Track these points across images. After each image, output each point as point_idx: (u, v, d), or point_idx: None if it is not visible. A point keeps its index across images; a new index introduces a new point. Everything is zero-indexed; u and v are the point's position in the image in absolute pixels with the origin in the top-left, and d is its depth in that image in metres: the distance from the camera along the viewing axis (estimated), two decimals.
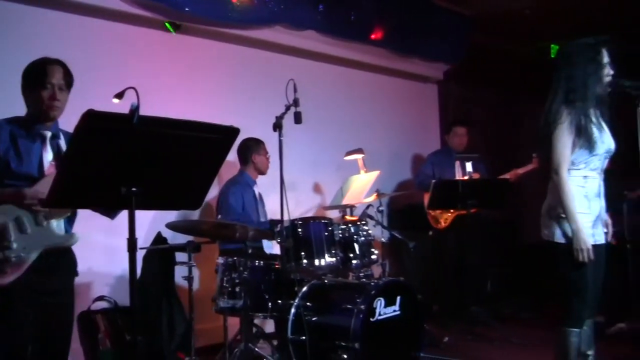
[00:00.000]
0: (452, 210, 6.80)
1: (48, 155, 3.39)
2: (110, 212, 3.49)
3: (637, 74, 3.79)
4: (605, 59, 3.79)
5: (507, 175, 6.79)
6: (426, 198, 6.89)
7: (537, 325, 6.87)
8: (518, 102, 11.54)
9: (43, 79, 3.34)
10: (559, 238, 3.80)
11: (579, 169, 3.81)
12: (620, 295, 5.95)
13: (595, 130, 3.74)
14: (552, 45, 8.73)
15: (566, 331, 3.84)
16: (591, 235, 3.81)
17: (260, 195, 5.76)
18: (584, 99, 3.73)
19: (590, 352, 4.03)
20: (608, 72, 3.77)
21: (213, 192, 5.61)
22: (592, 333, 4.06)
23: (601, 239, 3.89)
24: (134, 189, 2.70)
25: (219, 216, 5.38)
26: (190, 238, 4.66)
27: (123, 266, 3.57)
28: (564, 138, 3.72)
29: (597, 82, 3.76)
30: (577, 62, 3.79)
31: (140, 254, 4.41)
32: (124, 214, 2.86)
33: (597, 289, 3.95)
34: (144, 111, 2.60)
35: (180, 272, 4.75)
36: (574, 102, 3.73)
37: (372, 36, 7.21)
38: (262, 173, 5.74)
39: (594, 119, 3.75)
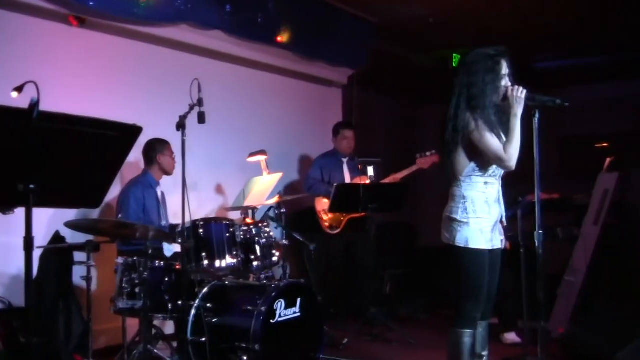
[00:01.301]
0: (344, 215, 6.86)
1: None
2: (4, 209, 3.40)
3: (532, 85, 3.94)
4: (504, 70, 3.92)
5: (391, 178, 6.87)
6: (317, 202, 6.97)
7: (433, 326, 7.07)
8: (419, 109, 11.81)
9: None
10: (458, 241, 3.91)
11: (480, 175, 3.93)
12: (514, 299, 6.15)
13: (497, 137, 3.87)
14: (455, 54, 8.95)
15: (459, 332, 3.96)
16: (490, 239, 3.94)
17: (163, 196, 5.70)
18: (483, 107, 3.86)
19: (484, 353, 4.16)
20: (506, 83, 3.91)
21: (114, 192, 5.51)
22: (487, 335, 4.20)
23: (498, 244, 4.04)
24: (31, 186, 2.63)
25: (120, 216, 5.29)
26: (89, 237, 4.57)
27: (19, 265, 3.49)
28: (489, 136, 3.83)
29: (495, 91, 3.88)
30: (477, 70, 3.90)
31: (37, 253, 4.31)
32: (20, 211, 2.79)
33: (492, 292, 4.09)
34: (44, 106, 2.55)
35: (78, 272, 4.66)
36: (476, 109, 3.85)
37: (279, 39, 7.22)
38: (168, 174, 5.67)
39: (494, 128, 3.88)
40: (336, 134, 7.33)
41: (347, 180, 7.07)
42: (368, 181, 6.50)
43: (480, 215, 3.90)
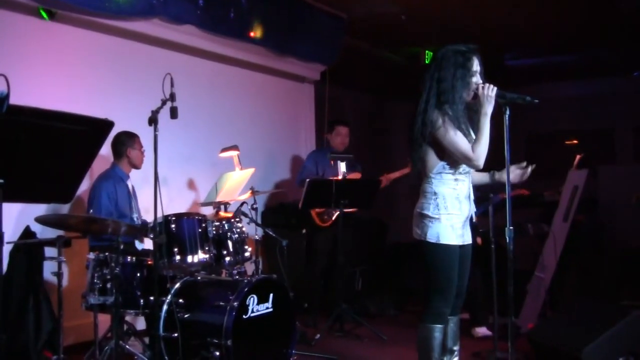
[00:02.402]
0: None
1: None
2: None
3: (502, 83, 3.98)
4: (475, 67, 3.94)
5: (382, 180, 6.94)
6: None
7: (403, 322, 7.11)
8: (391, 104, 11.86)
9: None
10: (429, 237, 3.93)
11: (450, 172, 3.96)
12: (485, 294, 6.21)
13: (465, 134, 3.90)
14: (427, 51, 8.99)
15: (429, 327, 3.98)
16: (461, 235, 3.98)
17: (133, 189, 5.67)
18: (452, 102, 3.88)
19: (455, 348, 4.20)
20: (477, 80, 3.93)
21: (83, 185, 5.47)
22: (458, 330, 4.23)
23: (469, 240, 4.07)
24: (1, 180, 2.61)
25: (91, 211, 5.25)
26: (60, 232, 4.54)
27: None
28: (456, 134, 3.85)
29: (465, 87, 3.90)
30: (447, 66, 3.92)
31: (6, 249, 4.28)
32: None
33: (463, 288, 4.13)
34: (14, 100, 2.53)
35: (49, 268, 4.61)
36: (446, 104, 3.88)
37: (251, 34, 7.21)
38: (137, 167, 5.63)
39: (463, 124, 3.91)
40: (330, 130, 7.36)
41: (340, 176, 7.08)
42: (340, 177, 6.52)
43: (451, 211, 3.93)
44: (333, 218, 6.94)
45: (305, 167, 7.30)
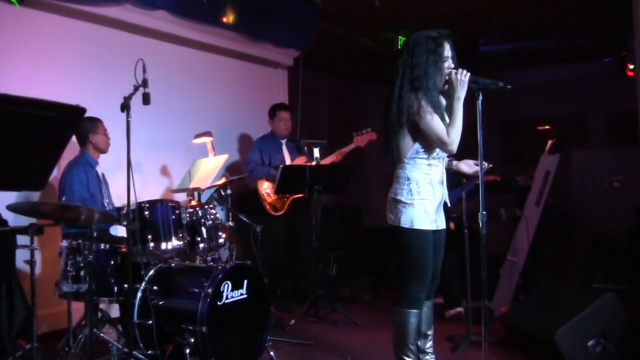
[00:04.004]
0: (287, 196, 6.87)
1: None
2: None
3: (476, 68, 3.99)
4: (447, 52, 3.96)
5: (332, 156, 6.90)
6: (259, 184, 6.95)
7: (378, 307, 7.15)
8: (365, 90, 11.87)
9: None
10: (403, 222, 3.95)
11: (424, 157, 3.97)
12: (458, 278, 6.25)
13: (441, 119, 3.92)
14: (400, 37, 9.00)
15: (405, 312, 4.01)
16: (434, 220, 4.00)
17: (103, 175, 5.63)
18: (426, 88, 3.89)
19: (429, 332, 4.24)
20: (449, 65, 3.95)
21: (53, 173, 5.42)
22: (432, 314, 4.27)
23: (442, 225, 4.10)
24: None
25: (64, 198, 5.21)
26: (32, 220, 4.49)
27: None
28: (432, 118, 3.86)
29: (437, 73, 3.92)
30: (419, 52, 3.93)
31: None
32: None
33: (437, 272, 4.16)
34: None
35: (21, 256, 4.57)
36: (419, 90, 3.89)
37: (224, 19, 7.16)
38: (103, 152, 5.57)
39: (438, 109, 3.93)
40: (272, 116, 7.30)
41: (288, 161, 7.07)
42: (314, 163, 6.52)
43: (424, 197, 3.95)
44: (285, 208, 6.94)
45: (249, 158, 7.21)
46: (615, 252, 7.64)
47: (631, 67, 8.24)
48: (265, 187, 6.92)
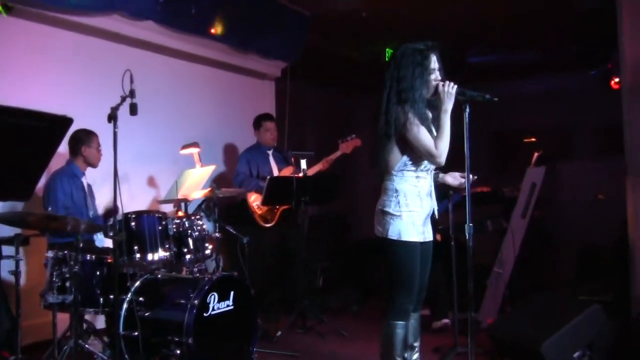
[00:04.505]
0: (277, 207, 6.86)
1: None
2: None
3: (464, 80, 4.01)
4: (433, 64, 3.98)
5: (319, 165, 6.90)
6: (249, 195, 6.93)
7: (365, 318, 7.14)
8: (353, 102, 11.88)
9: None
10: (391, 234, 3.96)
11: (412, 170, 3.98)
12: (445, 290, 6.26)
13: (428, 131, 3.93)
14: (387, 49, 9.02)
15: (392, 324, 4.01)
16: (422, 232, 4.01)
17: (89, 187, 5.61)
18: (412, 100, 3.91)
19: (416, 344, 4.23)
20: (436, 77, 3.97)
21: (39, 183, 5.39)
22: (419, 326, 4.27)
23: (430, 237, 4.11)
24: None
25: (50, 208, 5.19)
26: (17, 230, 4.47)
27: None
28: (420, 130, 3.88)
29: (424, 85, 3.94)
30: (406, 64, 3.95)
31: None
32: None
33: (424, 284, 4.16)
34: None
35: (6, 266, 4.54)
36: (406, 103, 3.90)
37: (212, 30, 7.16)
38: (92, 166, 5.57)
39: (426, 122, 3.95)
40: (258, 127, 7.26)
41: (275, 171, 7.05)
42: (301, 174, 6.52)
43: (412, 209, 3.96)
44: (275, 219, 6.93)
45: (238, 171, 7.14)
46: (601, 264, 7.67)
47: (616, 80, 8.28)
48: (254, 199, 6.90)
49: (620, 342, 5.08)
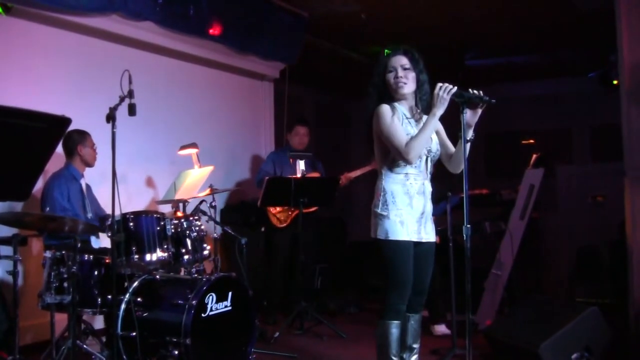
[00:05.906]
0: (292, 209, 6.87)
1: None
2: None
3: (462, 82, 4.02)
4: (394, 63, 4.08)
5: (342, 179, 6.96)
6: None
7: (363, 320, 7.14)
8: (350, 103, 11.90)
9: None
10: (379, 234, 3.98)
11: (401, 167, 3.99)
12: (443, 292, 6.26)
13: (411, 129, 3.95)
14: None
15: (386, 323, 4.02)
16: (415, 232, 4.00)
17: (88, 188, 5.60)
18: (389, 98, 4.03)
19: (415, 346, 4.23)
20: (396, 75, 4.02)
21: (37, 184, 5.39)
22: (419, 327, 4.26)
23: (428, 237, 4.10)
24: None
25: (47, 209, 5.18)
26: (15, 231, 4.47)
27: None
28: (392, 126, 3.91)
29: (386, 84, 4.08)
30: (378, 66, 4.14)
31: None
32: None
33: (425, 285, 4.16)
34: None
35: (4, 267, 4.54)
36: (383, 101, 4.01)
37: (210, 31, 7.16)
38: (89, 165, 5.56)
39: (406, 120, 3.98)
40: (289, 130, 7.37)
41: (298, 175, 7.06)
42: (299, 175, 6.52)
43: (400, 207, 3.96)
44: (289, 220, 6.95)
45: (261, 169, 7.27)
46: (599, 266, 7.68)
47: (615, 82, 8.28)
48: None
49: (618, 344, 5.08)
